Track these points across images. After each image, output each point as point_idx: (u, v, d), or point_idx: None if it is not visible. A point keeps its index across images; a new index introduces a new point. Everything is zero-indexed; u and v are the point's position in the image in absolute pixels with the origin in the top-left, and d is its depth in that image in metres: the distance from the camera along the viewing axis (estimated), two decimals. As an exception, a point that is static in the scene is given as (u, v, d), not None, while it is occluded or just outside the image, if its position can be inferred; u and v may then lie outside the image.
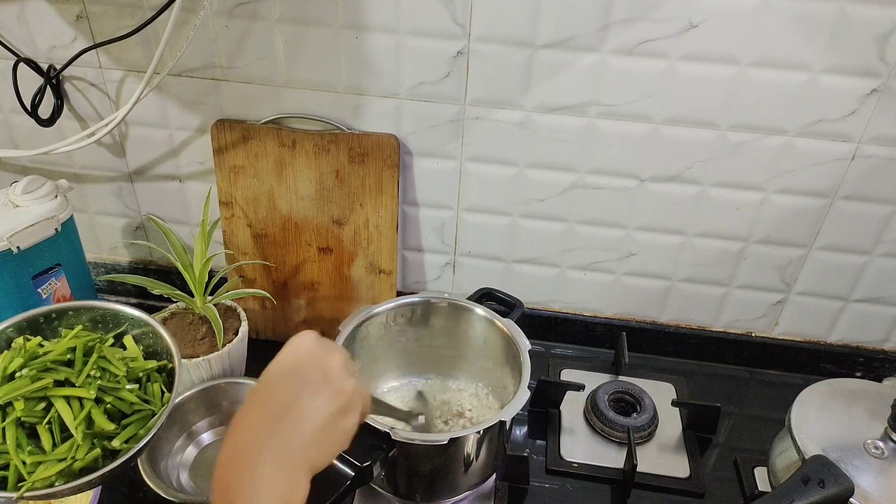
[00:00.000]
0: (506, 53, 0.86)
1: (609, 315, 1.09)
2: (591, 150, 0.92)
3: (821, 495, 0.70)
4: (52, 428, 0.67)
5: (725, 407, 0.98)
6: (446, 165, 0.97)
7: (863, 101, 0.84)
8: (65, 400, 0.68)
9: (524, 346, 0.82)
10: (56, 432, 0.67)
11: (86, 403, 0.68)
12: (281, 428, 0.46)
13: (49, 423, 0.67)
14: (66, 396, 0.68)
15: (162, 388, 0.75)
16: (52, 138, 0.99)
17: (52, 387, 0.68)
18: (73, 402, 0.68)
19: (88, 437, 0.67)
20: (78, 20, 0.92)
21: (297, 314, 1.05)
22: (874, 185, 0.90)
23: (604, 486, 0.89)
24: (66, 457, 0.65)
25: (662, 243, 0.99)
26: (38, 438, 0.67)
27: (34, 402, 0.68)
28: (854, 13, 0.78)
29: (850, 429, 0.78)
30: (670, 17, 0.81)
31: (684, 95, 0.86)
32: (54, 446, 0.66)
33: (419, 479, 0.78)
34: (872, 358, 1.05)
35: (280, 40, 0.89)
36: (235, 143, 0.96)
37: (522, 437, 0.95)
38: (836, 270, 0.98)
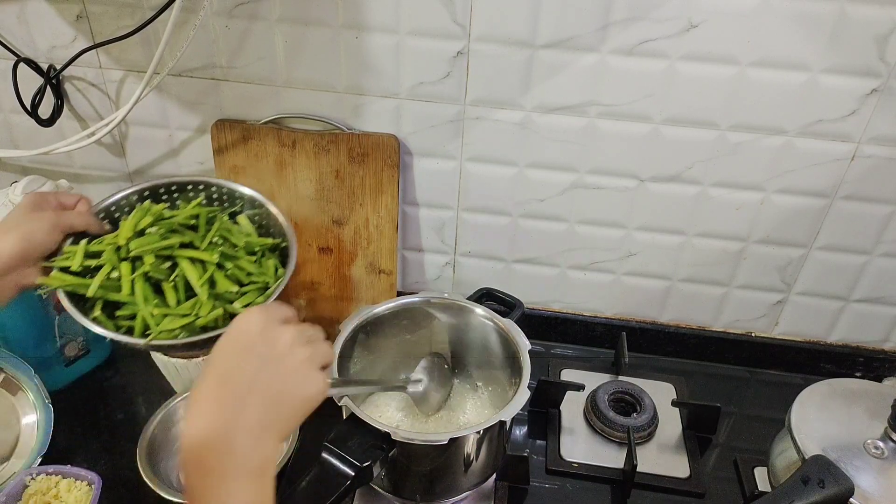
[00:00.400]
0: (506, 53, 0.86)
1: (609, 315, 1.09)
2: (591, 150, 0.92)
3: (821, 495, 0.70)
4: (176, 286, 0.71)
5: (725, 407, 0.98)
6: (446, 165, 0.97)
7: (863, 101, 0.84)
8: (189, 261, 0.72)
9: (524, 346, 0.82)
10: (181, 290, 0.71)
11: (209, 266, 0.72)
12: (248, 403, 0.50)
13: (174, 282, 0.71)
14: (190, 258, 0.72)
15: (276, 264, 0.77)
16: (52, 138, 0.99)
17: (178, 248, 0.72)
18: (197, 264, 0.72)
19: (211, 298, 0.71)
20: (78, 20, 0.92)
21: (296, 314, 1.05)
22: (874, 185, 0.90)
23: (604, 486, 0.88)
24: (190, 313, 0.69)
25: (662, 243, 0.99)
26: (163, 296, 0.71)
27: (161, 261, 0.71)
28: (854, 13, 0.78)
29: (850, 429, 0.78)
30: (670, 17, 0.81)
31: (684, 95, 0.86)
32: (178, 303, 0.70)
33: (419, 479, 0.78)
34: (872, 358, 1.05)
35: (280, 40, 0.89)
36: (235, 143, 0.96)
37: (522, 437, 0.95)
38: (836, 270, 0.98)
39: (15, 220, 0.69)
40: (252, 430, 0.50)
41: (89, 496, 0.79)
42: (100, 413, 0.95)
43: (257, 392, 0.51)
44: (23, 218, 0.69)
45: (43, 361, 0.92)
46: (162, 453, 0.86)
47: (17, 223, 0.68)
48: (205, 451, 0.49)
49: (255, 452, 0.50)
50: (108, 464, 0.88)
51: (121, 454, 0.89)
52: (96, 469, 0.83)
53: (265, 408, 0.51)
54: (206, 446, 0.49)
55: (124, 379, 1.01)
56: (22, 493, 0.79)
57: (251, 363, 0.52)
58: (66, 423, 0.92)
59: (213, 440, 0.49)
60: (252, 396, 0.51)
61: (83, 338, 0.98)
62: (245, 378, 0.51)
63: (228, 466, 0.48)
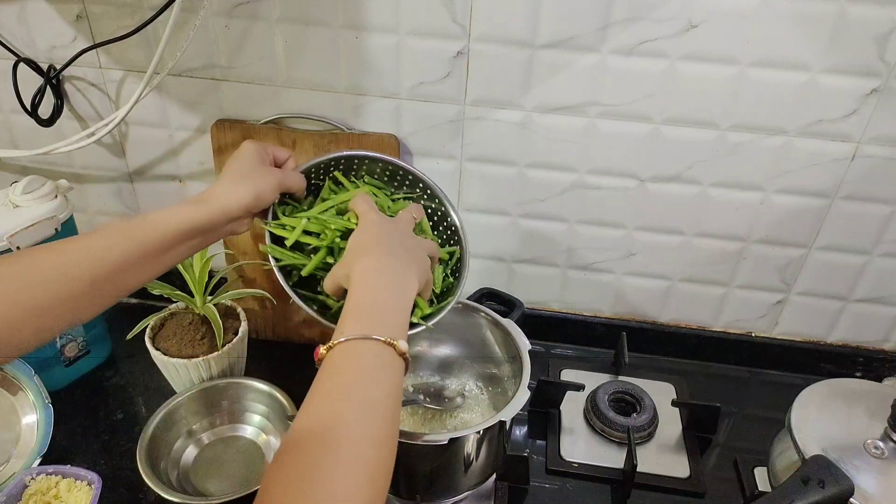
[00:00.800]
0: (506, 53, 0.86)
1: (609, 315, 1.09)
2: (591, 150, 0.92)
3: (821, 495, 0.70)
4: None
5: (725, 407, 0.98)
6: (446, 165, 0.97)
7: (863, 101, 0.84)
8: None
9: (524, 346, 0.82)
10: None
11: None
12: (398, 251, 0.67)
13: None
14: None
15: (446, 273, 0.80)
16: (52, 138, 0.99)
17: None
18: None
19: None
20: (78, 20, 0.92)
21: (297, 314, 1.05)
22: (874, 185, 0.90)
23: (604, 486, 0.88)
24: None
25: (662, 243, 0.99)
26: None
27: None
28: (854, 13, 0.78)
29: (850, 429, 0.78)
30: (670, 17, 0.81)
31: (684, 95, 0.86)
32: None
33: (419, 479, 0.78)
34: (872, 358, 1.05)
35: (280, 40, 0.89)
36: (235, 143, 0.96)
37: (522, 437, 0.95)
38: (836, 270, 0.98)
39: (246, 170, 0.70)
40: (400, 264, 0.65)
41: (89, 496, 0.79)
42: (100, 413, 0.95)
43: (396, 244, 0.67)
44: (253, 170, 0.70)
45: (43, 361, 0.93)
46: (162, 453, 0.86)
47: (250, 174, 0.69)
48: (371, 269, 0.63)
49: (405, 279, 0.64)
50: (108, 464, 0.88)
51: (121, 454, 0.89)
52: (96, 469, 0.83)
53: (405, 252, 0.67)
54: (371, 267, 0.63)
55: (124, 379, 1.01)
56: (22, 494, 0.79)
57: (389, 231, 0.68)
58: (66, 423, 0.92)
59: (381, 259, 0.64)
60: (393, 246, 0.66)
61: (83, 338, 0.98)
62: (386, 238, 0.67)
63: (394, 276, 0.63)
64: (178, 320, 0.95)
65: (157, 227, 0.63)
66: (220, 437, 0.92)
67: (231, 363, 0.93)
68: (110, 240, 0.60)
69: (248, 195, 0.68)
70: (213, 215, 0.66)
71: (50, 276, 0.56)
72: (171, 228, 0.63)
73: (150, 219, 0.63)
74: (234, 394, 0.93)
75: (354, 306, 0.60)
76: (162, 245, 0.63)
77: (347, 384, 0.54)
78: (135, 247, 0.61)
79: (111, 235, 0.61)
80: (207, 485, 0.86)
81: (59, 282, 0.56)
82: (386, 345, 0.56)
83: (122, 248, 0.60)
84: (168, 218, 0.64)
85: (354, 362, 0.55)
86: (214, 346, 0.91)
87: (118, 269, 0.60)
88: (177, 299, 0.93)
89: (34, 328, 0.56)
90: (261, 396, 0.92)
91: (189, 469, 0.88)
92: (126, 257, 0.60)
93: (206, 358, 0.89)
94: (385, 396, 0.54)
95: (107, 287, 0.60)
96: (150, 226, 0.63)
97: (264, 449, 0.91)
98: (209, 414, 0.92)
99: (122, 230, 0.62)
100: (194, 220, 0.64)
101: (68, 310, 0.57)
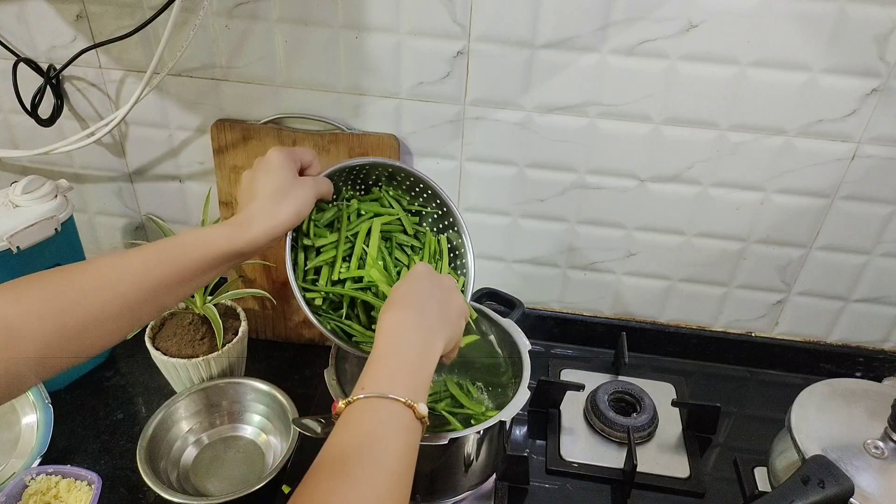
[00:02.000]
0: (506, 53, 0.86)
1: (609, 315, 1.09)
2: (591, 150, 0.92)
3: (821, 495, 0.70)
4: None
5: (725, 407, 0.98)
6: (446, 165, 0.97)
7: (863, 101, 0.83)
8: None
9: (524, 346, 0.82)
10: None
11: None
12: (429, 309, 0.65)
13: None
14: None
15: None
16: (52, 138, 0.99)
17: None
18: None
19: None
20: (78, 20, 0.91)
21: (296, 314, 1.05)
22: (874, 185, 0.90)
23: (604, 487, 0.88)
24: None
25: (662, 243, 0.99)
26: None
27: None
28: (854, 13, 0.78)
29: (850, 429, 0.78)
30: (670, 17, 0.81)
31: (684, 95, 0.86)
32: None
33: (419, 479, 0.77)
34: (872, 358, 1.05)
35: (280, 40, 0.89)
36: (235, 143, 0.96)
37: (522, 437, 0.95)
38: (836, 270, 0.98)
39: (285, 187, 0.67)
40: (431, 325, 0.64)
41: (89, 496, 0.79)
42: (100, 413, 0.95)
43: (433, 304, 0.66)
44: (290, 185, 0.67)
45: (43, 361, 0.92)
46: (162, 453, 0.86)
47: (288, 191, 0.67)
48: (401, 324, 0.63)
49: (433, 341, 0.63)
50: (108, 464, 0.88)
51: (121, 454, 0.89)
52: (96, 469, 0.82)
53: (439, 314, 0.66)
54: (402, 323, 0.62)
55: (124, 379, 1.01)
56: (22, 493, 0.79)
57: (430, 290, 0.67)
58: (66, 423, 0.92)
59: (412, 314, 0.63)
60: (430, 305, 0.65)
61: (83, 338, 0.98)
62: (425, 296, 0.66)
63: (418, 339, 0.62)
64: (178, 320, 0.95)
65: (196, 251, 0.62)
66: (220, 437, 0.92)
67: (231, 363, 0.93)
68: (149, 261, 0.60)
69: (290, 216, 0.66)
70: (256, 240, 0.64)
71: (89, 297, 0.56)
72: (211, 253, 0.62)
73: (190, 241, 0.62)
74: (233, 394, 0.93)
75: (378, 359, 0.59)
76: (200, 268, 0.62)
77: (361, 441, 0.53)
78: (173, 270, 0.61)
79: (149, 257, 0.60)
80: (207, 485, 0.86)
81: (98, 301, 0.56)
82: (405, 406, 0.56)
83: (160, 271, 0.60)
84: (208, 241, 0.63)
85: (371, 420, 0.55)
86: (214, 346, 0.91)
87: (155, 290, 0.60)
88: (177, 299, 0.93)
89: (74, 348, 0.56)
90: (261, 396, 0.92)
91: (189, 469, 0.88)
92: (163, 279, 0.60)
93: (205, 358, 0.89)
94: (398, 458, 0.53)
95: (144, 308, 0.60)
96: (190, 248, 0.62)
97: (264, 449, 0.91)
98: (209, 414, 0.92)
99: (160, 252, 0.61)
100: (235, 246, 0.63)
101: (107, 330, 0.58)
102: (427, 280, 0.68)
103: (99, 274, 0.58)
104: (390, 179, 0.82)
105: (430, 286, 0.67)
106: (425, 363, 0.61)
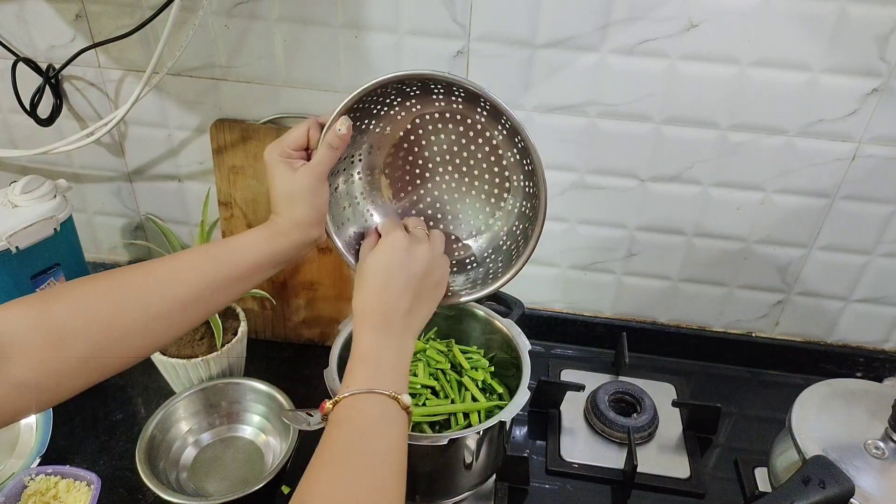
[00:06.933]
0: (506, 53, 0.86)
1: (609, 315, 1.09)
2: (591, 150, 0.92)
3: (821, 496, 0.70)
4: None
5: (726, 407, 0.98)
6: (446, 165, 0.96)
7: (863, 101, 0.83)
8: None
9: (524, 346, 0.82)
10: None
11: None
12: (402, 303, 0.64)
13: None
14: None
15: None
16: (51, 138, 0.99)
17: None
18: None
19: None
20: (77, 20, 0.91)
21: (296, 314, 1.05)
22: (875, 185, 0.90)
23: (604, 487, 0.88)
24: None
25: (663, 243, 0.99)
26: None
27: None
28: (854, 13, 0.78)
29: (850, 429, 0.78)
30: (670, 16, 0.81)
31: (685, 95, 0.86)
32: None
33: (419, 480, 0.77)
34: (873, 358, 1.05)
35: (279, 40, 0.89)
36: (234, 143, 0.96)
37: (522, 437, 0.95)
38: (837, 270, 0.98)
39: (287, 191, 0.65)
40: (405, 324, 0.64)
41: (88, 496, 0.78)
42: (99, 413, 0.95)
43: (408, 293, 0.64)
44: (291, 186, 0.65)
45: (42, 361, 0.92)
46: (161, 453, 0.86)
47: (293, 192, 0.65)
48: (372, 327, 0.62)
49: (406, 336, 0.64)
50: (107, 464, 0.88)
51: (120, 454, 0.89)
52: (95, 469, 0.82)
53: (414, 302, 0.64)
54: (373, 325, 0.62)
55: (124, 379, 1.00)
56: (21, 494, 0.79)
57: (401, 276, 0.64)
58: (65, 424, 0.92)
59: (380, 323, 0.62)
60: (405, 296, 0.64)
61: (82, 338, 0.98)
62: (397, 286, 0.64)
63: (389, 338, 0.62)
64: (178, 320, 0.94)
65: (241, 253, 0.64)
66: (220, 438, 0.92)
67: (230, 363, 0.93)
68: (195, 261, 0.62)
69: (305, 216, 0.65)
70: (293, 243, 0.66)
71: (139, 295, 0.58)
72: (254, 255, 0.64)
73: (235, 244, 0.64)
74: (233, 394, 0.93)
75: (358, 360, 0.61)
76: (247, 270, 0.64)
77: (354, 436, 0.55)
78: (220, 270, 0.62)
79: (197, 257, 0.62)
80: (206, 485, 0.86)
81: (145, 301, 0.58)
82: (390, 398, 0.57)
83: (208, 271, 0.62)
84: (251, 244, 0.65)
85: (360, 415, 0.56)
86: (213, 346, 0.91)
87: (202, 291, 0.61)
88: (176, 299, 0.93)
89: (123, 350, 0.57)
90: (260, 397, 0.92)
91: (188, 469, 0.88)
92: (210, 280, 0.62)
93: (205, 358, 0.89)
94: (391, 448, 0.55)
95: (193, 309, 0.61)
96: (237, 250, 0.64)
97: (263, 449, 0.90)
98: (208, 414, 0.92)
99: (208, 251, 0.63)
100: (275, 248, 0.65)
101: (156, 330, 0.59)
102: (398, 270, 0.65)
103: (147, 274, 0.59)
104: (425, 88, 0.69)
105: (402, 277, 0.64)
106: (402, 357, 0.63)
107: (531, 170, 0.68)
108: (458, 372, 0.86)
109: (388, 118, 0.72)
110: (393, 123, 0.72)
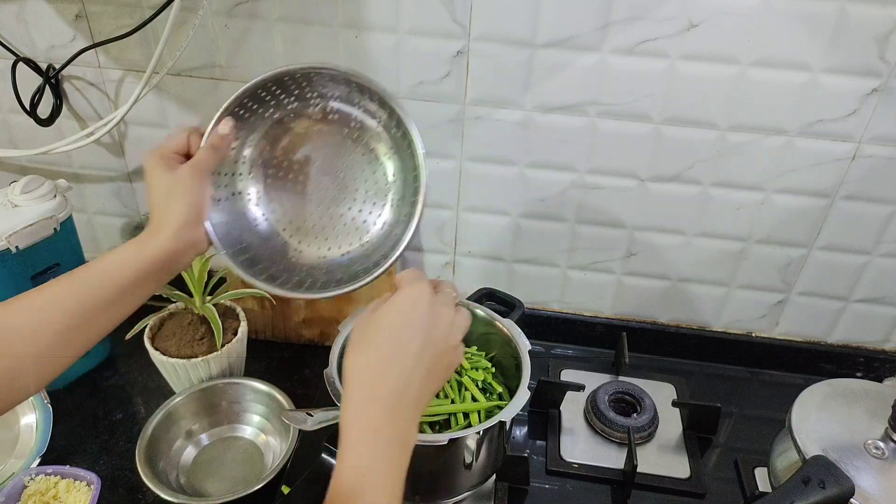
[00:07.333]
0: (506, 53, 0.86)
1: (609, 315, 1.09)
2: (591, 150, 0.92)
3: (821, 496, 0.70)
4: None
5: (726, 407, 0.98)
6: (446, 165, 0.96)
7: (863, 101, 0.83)
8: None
9: (524, 346, 0.82)
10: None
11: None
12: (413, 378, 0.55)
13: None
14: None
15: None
16: (51, 138, 0.99)
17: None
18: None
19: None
20: (77, 20, 0.91)
21: (296, 314, 1.05)
22: (875, 185, 0.90)
23: (604, 487, 0.88)
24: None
25: (663, 243, 0.99)
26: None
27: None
28: (854, 13, 0.78)
29: (850, 429, 0.78)
30: (670, 16, 0.81)
31: (685, 95, 0.86)
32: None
33: (419, 480, 0.77)
34: (873, 358, 1.05)
35: (279, 40, 0.89)
36: (235, 143, 0.96)
37: (522, 437, 0.95)
38: (837, 270, 0.98)
39: (166, 189, 0.63)
40: (411, 403, 0.55)
41: (88, 496, 0.78)
42: (99, 413, 0.95)
43: (420, 368, 0.55)
44: (171, 184, 0.63)
45: (42, 361, 0.92)
46: (161, 454, 0.86)
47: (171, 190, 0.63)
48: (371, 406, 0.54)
49: (411, 421, 0.55)
50: (107, 464, 0.88)
51: (120, 454, 0.89)
52: (95, 469, 0.82)
53: (424, 383, 0.56)
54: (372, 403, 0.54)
55: (123, 379, 1.01)
56: (21, 494, 0.79)
57: (418, 340, 0.56)
58: (65, 424, 0.92)
59: (380, 401, 0.54)
60: (416, 372, 0.55)
61: (82, 338, 0.98)
62: (412, 352, 0.55)
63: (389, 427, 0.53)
64: (178, 320, 0.94)
65: (113, 270, 0.61)
66: (220, 438, 0.92)
67: (230, 363, 0.93)
68: (70, 288, 0.59)
69: (181, 214, 0.63)
70: (165, 246, 0.62)
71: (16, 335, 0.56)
72: (128, 269, 0.61)
73: (105, 262, 0.61)
74: (233, 394, 0.93)
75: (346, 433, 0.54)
76: (124, 285, 0.61)
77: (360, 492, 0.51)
78: (96, 293, 0.59)
79: (68, 284, 0.59)
80: (206, 485, 0.86)
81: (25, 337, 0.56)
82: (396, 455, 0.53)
83: (85, 294, 0.59)
84: (121, 259, 0.61)
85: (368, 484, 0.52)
86: (213, 346, 0.91)
87: (83, 315, 0.59)
88: (176, 299, 0.93)
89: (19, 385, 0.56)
90: (260, 397, 0.92)
91: (188, 469, 0.88)
92: (90, 304, 0.59)
93: (205, 358, 0.89)
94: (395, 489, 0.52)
95: (77, 335, 0.59)
96: (107, 269, 0.61)
97: (263, 449, 0.90)
98: (208, 414, 0.92)
99: (81, 275, 0.60)
100: (147, 257, 0.62)
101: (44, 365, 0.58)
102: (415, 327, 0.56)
103: (21, 310, 0.57)
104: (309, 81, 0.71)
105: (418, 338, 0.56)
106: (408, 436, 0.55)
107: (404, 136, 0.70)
108: (458, 372, 0.86)
109: (270, 121, 0.71)
110: (276, 127, 0.71)
